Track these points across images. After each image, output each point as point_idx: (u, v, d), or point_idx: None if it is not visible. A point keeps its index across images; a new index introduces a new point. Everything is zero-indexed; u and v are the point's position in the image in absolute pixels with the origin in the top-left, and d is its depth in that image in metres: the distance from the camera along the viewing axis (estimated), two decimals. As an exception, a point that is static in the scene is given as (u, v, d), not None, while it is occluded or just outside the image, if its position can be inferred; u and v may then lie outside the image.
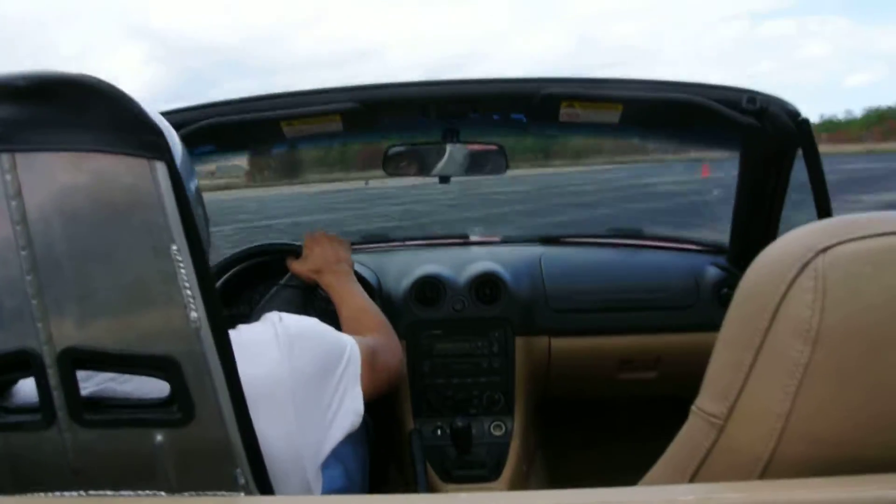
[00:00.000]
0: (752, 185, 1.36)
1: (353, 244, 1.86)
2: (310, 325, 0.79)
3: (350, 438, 1.17)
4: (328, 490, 0.86)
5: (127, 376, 0.61)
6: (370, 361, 0.85)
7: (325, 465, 0.77)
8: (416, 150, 1.39)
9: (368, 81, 1.20)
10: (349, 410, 0.78)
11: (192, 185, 0.65)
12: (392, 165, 1.40)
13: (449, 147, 1.35)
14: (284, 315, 0.76)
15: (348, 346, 0.82)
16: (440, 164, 1.36)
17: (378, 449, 1.35)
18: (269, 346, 0.71)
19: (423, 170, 1.39)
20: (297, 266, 1.21)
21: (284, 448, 0.69)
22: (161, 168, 0.54)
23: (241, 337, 0.66)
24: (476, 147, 1.38)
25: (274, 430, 0.67)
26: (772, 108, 1.14)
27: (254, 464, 0.61)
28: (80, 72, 0.54)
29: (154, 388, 0.59)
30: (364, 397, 0.81)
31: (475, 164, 1.38)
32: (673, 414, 0.65)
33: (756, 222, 1.39)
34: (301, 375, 0.71)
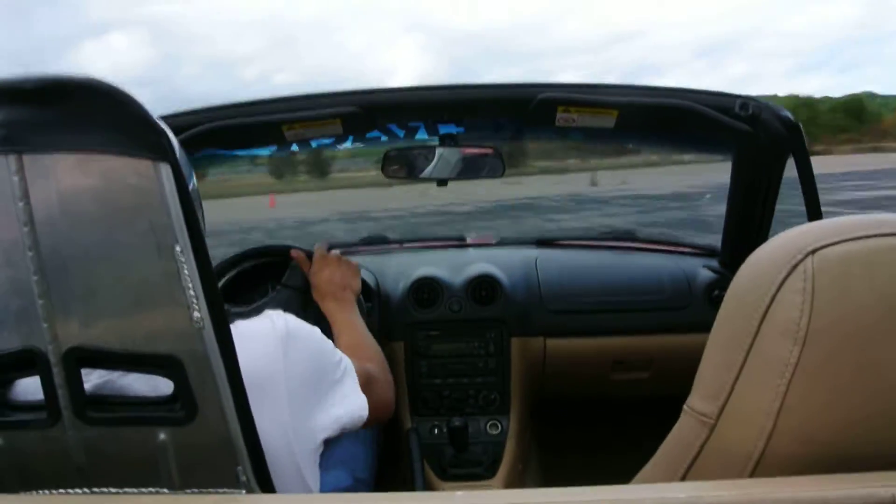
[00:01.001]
0: (745, 190, 1.38)
1: (351, 246, 1.88)
2: (310, 329, 0.79)
3: (359, 442, 1.18)
4: (334, 491, 0.86)
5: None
6: (365, 385, 0.84)
7: (332, 468, 0.76)
8: (414, 154, 1.40)
9: (368, 86, 1.21)
10: (348, 410, 0.78)
11: (191, 186, 0.66)
12: (390, 168, 1.41)
13: (446, 151, 1.36)
14: (287, 315, 0.77)
15: (344, 359, 0.82)
16: (437, 168, 1.38)
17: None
18: (267, 340, 0.71)
19: (420, 173, 1.40)
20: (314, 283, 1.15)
21: (278, 438, 0.69)
22: (165, 169, 0.55)
23: (239, 330, 0.66)
24: (473, 151, 1.39)
25: (267, 419, 0.67)
26: (764, 115, 1.16)
27: (255, 462, 0.62)
28: (86, 74, 0.55)
29: (151, 382, 0.60)
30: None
31: (472, 168, 1.39)
32: (666, 413, 0.66)
33: (748, 226, 1.41)
34: (295, 368, 0.72)
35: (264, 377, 0.69)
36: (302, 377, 0.73)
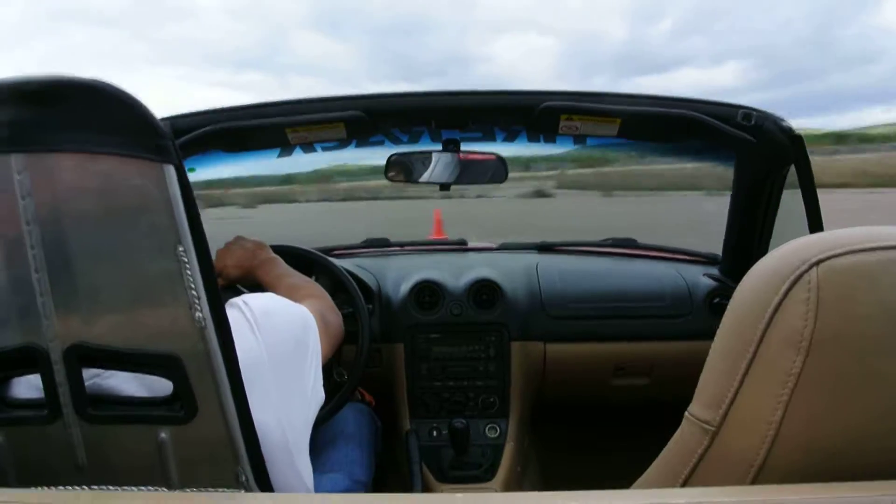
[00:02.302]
0: (746, 199, 1.38)
1: (353, 248, 1.88)
2: (273, 300, 0.80)
3: (356, 445, 1.18)
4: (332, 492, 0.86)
5: (110, 372, 0.62)
6: (324, 324, 0.87)
7: (329, 471, 0.76)
8: (417, 159, 1.41)
9: (373, 91, 1.21)
10: (319, 384, 0.79)
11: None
12: (393, 172, 1.42)
13: (450, 156, 1.37)
14: (247, 297, 0.77)
15: (307, 315, 0.82)
16: (440, 172, 1.38)
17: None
18: (244, 330, 0.71)
19: (424, 177, 1.40)
20: (225, 280, 1.13)
21: (273, 427, 0.69)
22: (170, 171, 0.55)
23: None
24: (476, 156, 1.40)
25: (260, 412, 0.67)
26: (766, 125, 1.17)
27: (254, 461, 0.62)
28: (92, 77, 0.55)
29: (140, 382, 0.61)
30: (322, 360, 0.82)
31: (475, 173, 1.40)
32: (665, 419, 0.66)
33: (749, 235, 1.41)
34: (278, 352, 0.72)
35: (250, 366, 0.68)
36: (282, 356, 0.73)
